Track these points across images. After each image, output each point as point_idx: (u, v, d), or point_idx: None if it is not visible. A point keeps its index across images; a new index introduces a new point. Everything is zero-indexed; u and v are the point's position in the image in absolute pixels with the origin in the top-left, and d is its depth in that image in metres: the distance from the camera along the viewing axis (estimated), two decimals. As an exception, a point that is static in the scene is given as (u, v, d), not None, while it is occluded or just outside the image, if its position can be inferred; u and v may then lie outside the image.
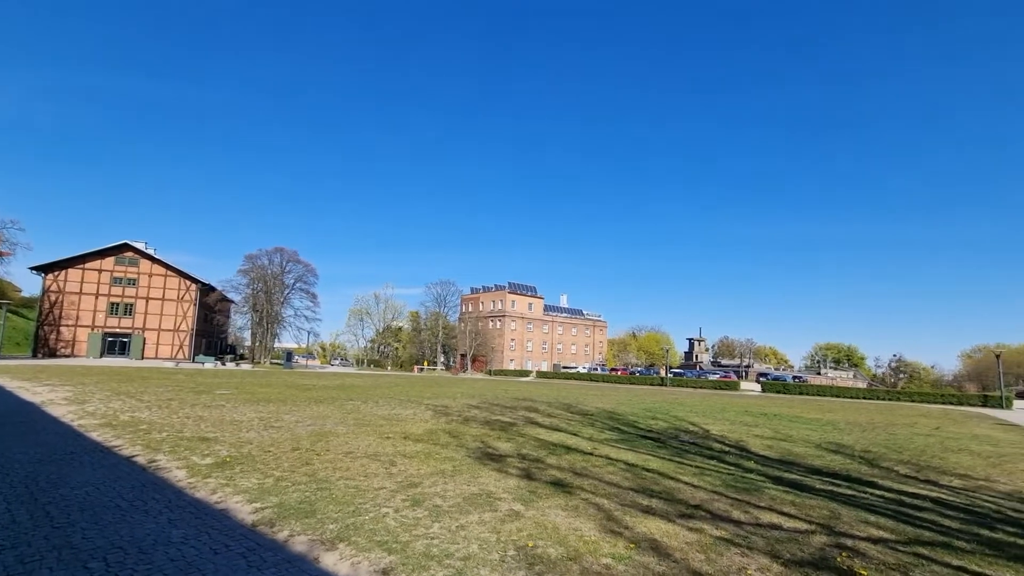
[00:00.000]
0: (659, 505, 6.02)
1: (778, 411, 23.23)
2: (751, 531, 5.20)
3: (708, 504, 6.19)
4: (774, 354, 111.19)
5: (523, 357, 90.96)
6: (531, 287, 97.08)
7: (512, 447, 9.69)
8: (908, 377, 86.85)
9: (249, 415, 12.64)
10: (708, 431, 13.98)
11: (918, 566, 4.42)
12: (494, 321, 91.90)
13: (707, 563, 4.26)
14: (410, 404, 17.73)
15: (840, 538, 5.11)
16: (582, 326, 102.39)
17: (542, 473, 7.48)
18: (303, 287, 70.36)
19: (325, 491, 5.95)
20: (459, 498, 5.89)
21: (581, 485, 6.83)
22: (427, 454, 8.55)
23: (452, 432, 11.34)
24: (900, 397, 44.05)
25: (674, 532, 5.02)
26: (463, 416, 14.69)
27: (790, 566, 4.29)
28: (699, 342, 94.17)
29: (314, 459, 7.73)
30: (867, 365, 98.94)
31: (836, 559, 4.50)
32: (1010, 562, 4.64)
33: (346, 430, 10.88)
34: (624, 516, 5.48)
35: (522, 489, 6.45)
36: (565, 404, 21.12)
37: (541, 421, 14.35)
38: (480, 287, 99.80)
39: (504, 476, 7.16)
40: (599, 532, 4.90)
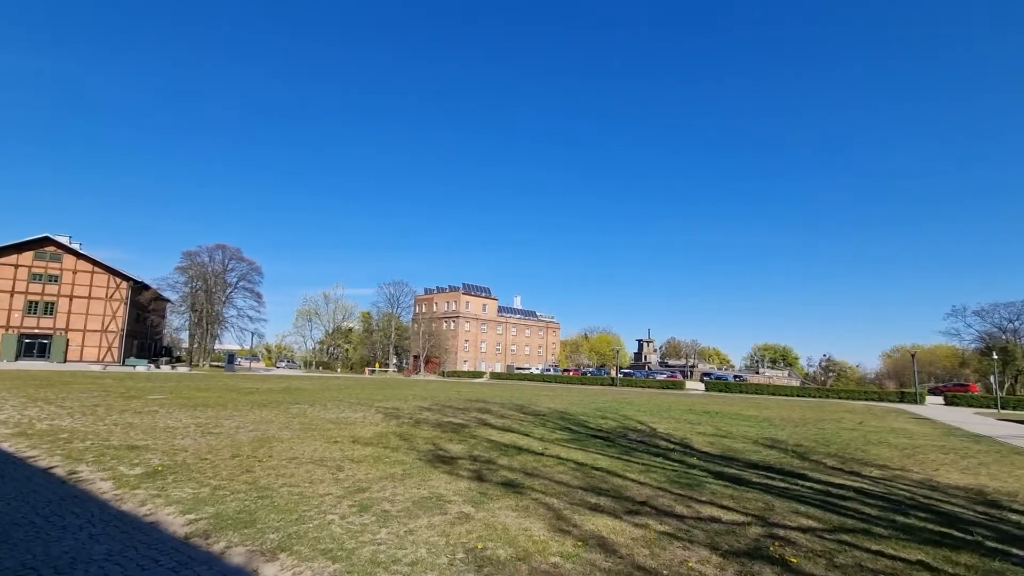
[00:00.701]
0: (607, 503, 6.16)
1: (720, 409, 24.31)
2: (693, 525, 5.41)
3: (653, 500, 6.39)
4: (717, 354, 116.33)
5: (477, 358, 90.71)
6: (485, 288, 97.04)
7: (464, 449, 9.64)
8: (836, 375, 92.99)
9: (185, 421, 11.94)
10: (655, 429, 14.44)
11: (841, 552, 4.74)
12: (448, 322, 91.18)
13: (651, 558, 4.39)
14: (360, 407, 17.29)
15: (773, 528, 5.41)
16: (536, 327, 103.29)
17: (493, 474, 7.49)
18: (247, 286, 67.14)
19: (267, 499, 5.70)
20: (408, 502, 5.80)
21: (532, 485, 6.89)
22: (376, 458, 8.36)
23: (403, 435, 11.15)
24: (829, 394, 47.15)
25: (621, 528, 5.15)
26: (415, 419, 14.47)
27: (728, 557, 4.50)
28: (648, 343, 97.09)
29: (255, 466, 7.39)
30: (800, 364, 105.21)
31: (769, 548, 4.75)
32: (921, 545, 5.06)
33: (291, 435, 10.48)
34: (573, 515, 5.58)
35: (473, 491, 6.43)
36: (518, 405, 21.23)
37: (494, 422, 14.36)
38: (434, 288, 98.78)
39: (455, 478, 7.11)
40: (548, 531, 4.96)
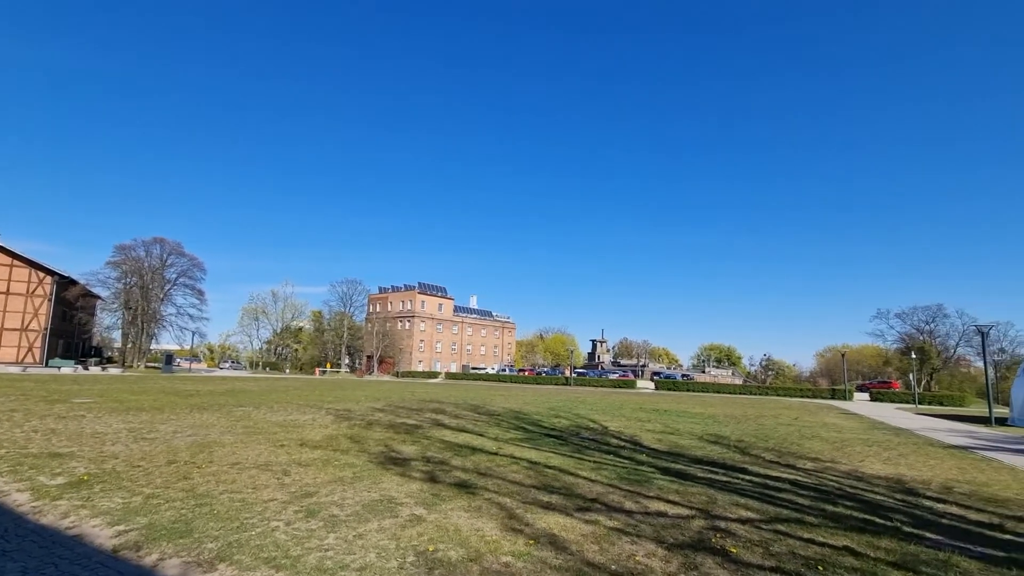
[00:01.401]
0: (559, 501, 6.25)
1: (668, 407, 25.16)
2: (641, 520, 5.58)
3: (604, 497, 6.54)
4: (667, 354, 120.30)
5: (432, 358, 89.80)
6: (441, 288, 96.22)
7: (417, 450, 9.53)
8: (775, 374, 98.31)
9: (116, 426, 11.18)
10: (606, 428, 14.77)
11: (777, 541, 5.02)
12: (403, 322, 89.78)
13: (600, 553, 4.49)
14: (309, 409, 16.74)
15: (715, 521, 5.65)
16: (491, 327, 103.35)
17: (447, 475, 7.44)
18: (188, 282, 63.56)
19: (205, 507, 5.42)
20: (358, 506, 5.67)
21: (485, 485, 6.89)
22: (325, 461, 8.12)
23: (354, 437, 10.89)
24: (768, 392, 49.78)
25: (572, 526, 5.24)
26: (367, 420, 14.16)
27: (673, 549, 4.66)
28: (601, 343, 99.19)
29: (193, 472, 7.02)
30: (743, 364, 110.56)
31: (712, 540, 4.96)
32: (848, 532, 5.42)
33: (233, 439, 10.02)
34: (525, 513, 5.62)
35: (425, 492, 6.36)
36: (473, 405, 21.17)
37: (448, 423, 14.26)
38: (389, 287, 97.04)
39: (407, 480, 7.01)
40: (501, 531, 4.98)
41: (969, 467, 10.17)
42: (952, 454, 12.05)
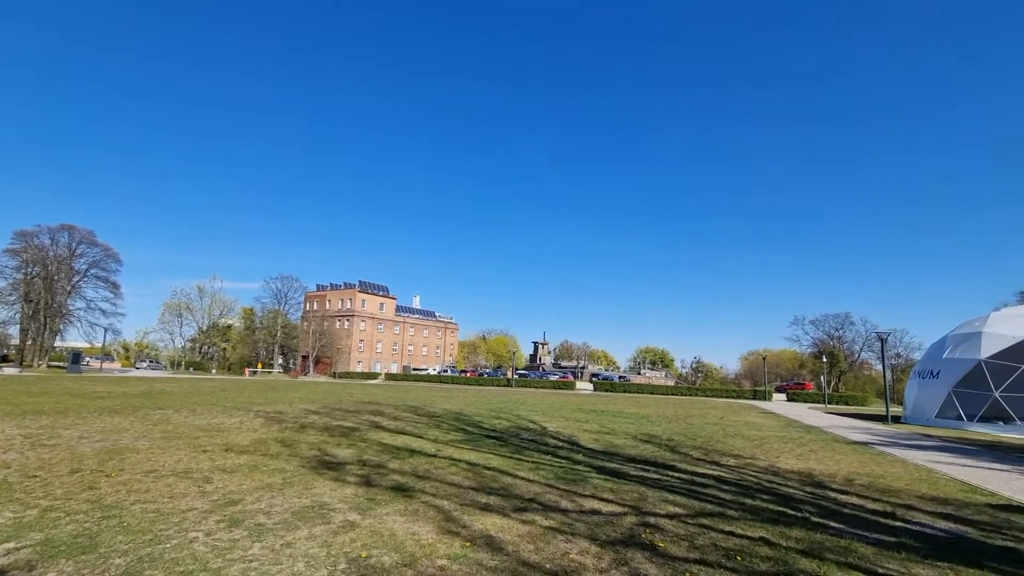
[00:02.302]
0: (496, 501, 6.28)
1: (605, 408, 25.93)
2: (576, 518, 5.71)
3: (541, 497, 6.64)
4: (606, 356, 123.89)
5: (372, 359, 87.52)
6: (383, 287, 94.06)
7: (353, 453, 9.25)
8: (704, 376, 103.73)
9: (8, 432, 10.06)
10: (546, 428, 15.00)
11: (701, 535, 5.30)
12: (342, 321, 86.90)
13: (536, 552, 4.56)
14: (237, 411, 15.82)
15: (646, 517, 5.89)
16: (434, 328, 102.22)
17: (383, 479, 7.28)
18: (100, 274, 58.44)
19: (114, 519, 5.00)
20: (287, 513, 5.42)
21: (423, 488, 6.80)
22: (253, 467, 7.71)
23: (285, 441, 10.41)
24: (698, 393, 52.51)
25: (509, 526, 5.28)
26: (300, 423, 13.58)
27: (605, 546, 4.82)
28: (543, 345, 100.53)
29: (101, 482, 6.44)
30: (676, 366, 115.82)
31: (642, 535, 5.17)
32: (764, 523, 5.82)
33: (149, 445, 9.29)
34: (463, 515, 5.60)
35: (360, 497, 6.19)
36: (413, 407, 20.84)
37: (386, 425, 13.95)
38: (327, 284, 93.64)
39: (341, 485, 6.80)
40: (437, 534, 4.93)
41: (868, 461, 11.20)
42: (855, 449, 13.23)
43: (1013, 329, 21.71)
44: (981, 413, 20.92)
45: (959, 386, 22.04)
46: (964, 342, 23.34)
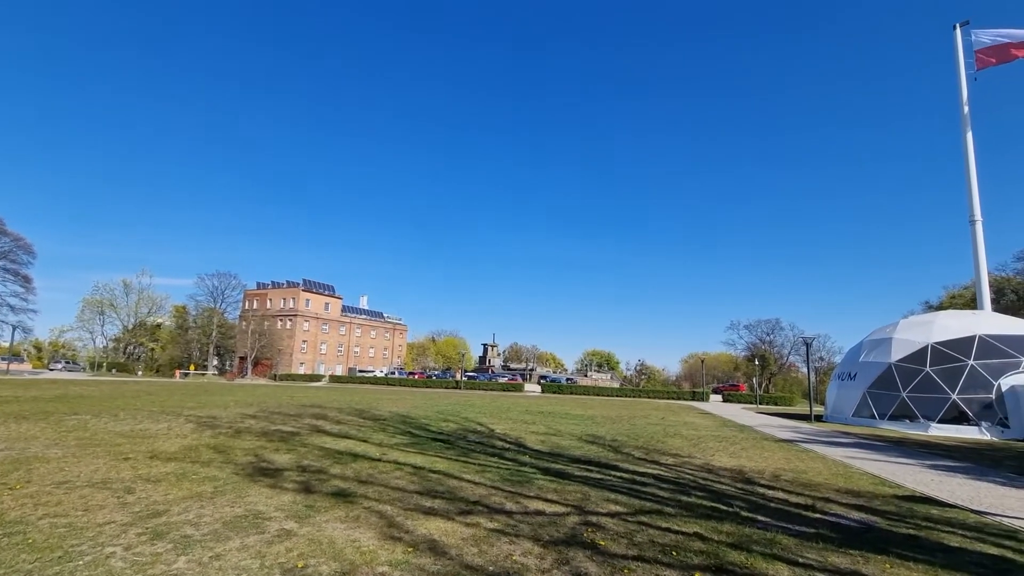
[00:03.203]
0: (441, 505, 6.23)
1: (552, 409, 26.29)
2: (520, 520, 5.76)
3: (486, 499, 6.65)
4: (554, 359, 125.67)
5: (316, 360, 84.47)
6: (329, 286, 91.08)
7: (292, 459, 8.90)
8: (648, 378, 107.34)
9: None
10: (493, 430, 15.03)
11: (640, 532, 5.49)
12: (284, 321, 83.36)
13: (479, 555, 4.56)
14: (165, 416, 14.83)
15: (588, 516, 6.03)
16: (382, 329, 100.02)
17: (324, 485, 7.05)
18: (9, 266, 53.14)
19: (17, 535, 4.56)
20: (218, 523, 5.14)
21: (365, 493, 6.64)
22: (181, 475, 7.26)
23: (218, 447, 9.87)
24: (641, 394, 54.29)
25: (453, 530, 5.25)
26: (235, 428, 12.91)
27: (548, 546, 4.89)
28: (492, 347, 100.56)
29: (3, 495, 5.86)
30: (621, 368, 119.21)
31: (584, 535, 5.29)
32: (698, 519, 6.10)
33: (62, 453, 8.54)
34: (406, 520, 5.52)
35: (298, 504, 5.97)
36: (358, 410, 20.29)
37: (329, 429, 13.51)
38: (269, 283, 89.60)
39: (279, 492, 6.52)
40: (379, 540, 4.83)
41: (793, 458, 11.98)
42: (781, 447, 14.11)
43: (917, 335, 23.92)
44: (891, 412, 22.86)
45: (873, 387, 24.00)
46: (877, 347, 25.45)
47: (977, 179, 28.35)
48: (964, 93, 29.23)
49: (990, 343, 21.80)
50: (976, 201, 28.16)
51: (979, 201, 28.15)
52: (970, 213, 28.28)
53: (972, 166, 28.49)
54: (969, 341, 22.17)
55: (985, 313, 26.10)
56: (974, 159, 28.56)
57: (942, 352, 22.43)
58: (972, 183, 28.33)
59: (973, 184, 28.31)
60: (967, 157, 28.68)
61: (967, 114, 29.03)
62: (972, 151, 28.63)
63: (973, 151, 28.62)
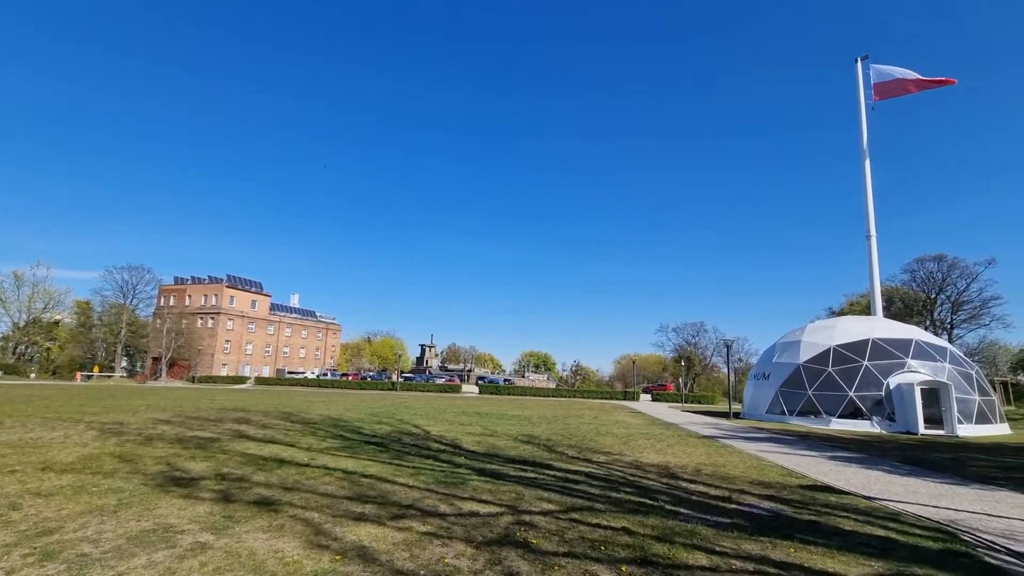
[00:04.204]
0: (372, 510, 6.07)
1: (489, 410, 26.36)
2: (454, 522, 5.74)
3: (420, 502, 6.56)
4: (492, 360, 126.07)
5: (240, 361, 79.59)
6: (256, 283, 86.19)
7: (210, 467, 8.33)
8: (583, 378, 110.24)
9: None
10: (429, 432, 14.84)
11: (571, 529, 5.63)
12: (205, 319, 77.91)
13: (410, 559, 4.50)
14: (61, 423, 13.40)
15: (521, 515, 6.10)
16: (314, 328, 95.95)
17: (245, 493, 6.66)
18: None
19: None
20: (122, 539, 4.72)
21: (291, 500, 6.35)
22: (79, 488, 6.59)
23: (124, 456, 9.06)
24: (576, 394, 55.69)
25: (384, 535, 5.14)
26: (145, 434, 11.90)
27: (481, 547, 4.90)
28: (430, 348, 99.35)
29: None
30: (557, 369, 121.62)
31: (516, 534, 5.35)
32: (626, 514, 6.35)
33: (-71, 468, 7.50)
34: (335, 527, 5.34)
35: (216, 515, 5.60)
36: (285, 413, 19.34)
37: (253, 434, 12.78)
38: (188, 278, 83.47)
39: (193, 503, 6.08)
40: (304, 549, 4.64)
41: (714, 453, 12.77)
42: (703, 443, 14.99)
43: (822, 338, 26.27)
44: (799, 408, 24.93)
45: (784, 386, 26.07)
46: (788, 349, 27.68)
47: (873, 199, 31.58)
48: (864, 121, 32.50)
49: (881, 346, 24.35)
50: (872, 219, 31.35)
51: (874, 219, 31.37)
52: (866, 229, 31.43)
53: (869, 188, 31.71)
54: (864, 344, 24.65)
55: (877, 319, 29.12)
56: (871, 182, 31.80)
57: (842, 354, 24.77)
58: (869, 203, 31.52)
59: (870, 204, 31.50)
60: (865, 180, 31.87)
61: (865, 146, 32.25)
62: (869, 175, 31.86)
63: (870, 175, 31.86)
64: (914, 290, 57.47)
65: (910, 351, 23.92)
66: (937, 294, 55.79)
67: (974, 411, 22.42)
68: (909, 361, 23.45)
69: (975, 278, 53.13)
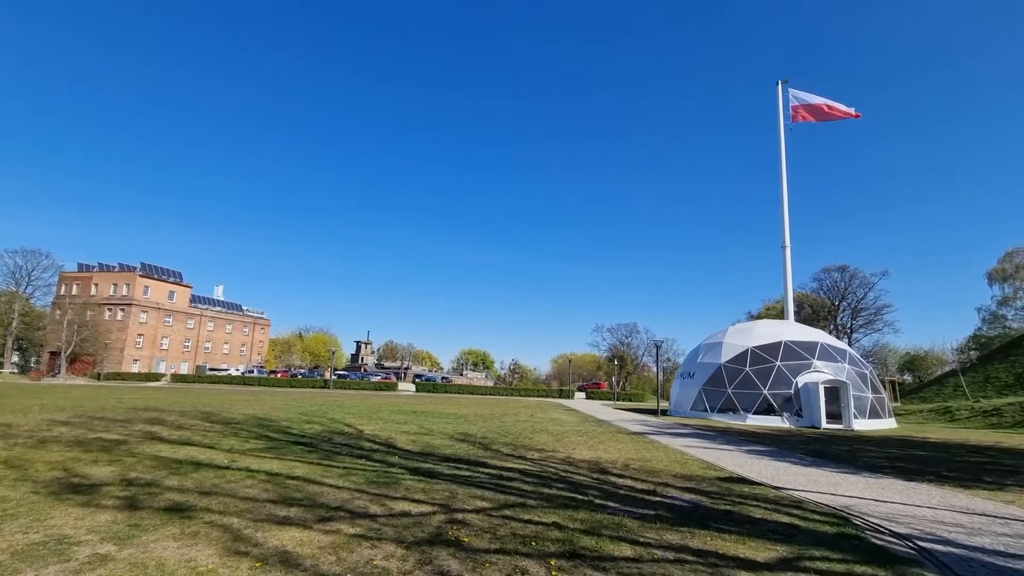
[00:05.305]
0: (298, 513, 5.84)
1: (426, 408, 26.06)
2: (384, 522, 5.63)
3: (349, 503, 6.37)
4: (430, 357, 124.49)
5: (154, 357, 73.65)
6: (175, 272, 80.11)
7: (115, 472, 7.66)
8: (520, 377, 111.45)
9: None
10: (362, 431, 14.45)
11: (503, 525, 5.69)
12: (114, 310, 71.37)
13: (337, 563, 4.36)
14: (-71, 426, 11.79)
15: (454, 514, 6.09)
16: (240, 323, 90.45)
17: (155, 499, 6.18)
18: None
19: None
20: (5, 554, 4.24)
21: (207, 506, 5.97)
22: (-48, 499, 5.84)
23: (12, 461, 8.13)
24: (513, 393, 56.28)
25: (309, 539, 4.95)
26: (38, 437, 10.75)
27: (411, 548, 4.84)
28: (366, 345, 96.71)
29: None
30: (495, 367, 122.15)
31: (448, 533, 5.33)
32: (557, 509, 6.50)
33: None
34: (256, 532, 5.08)
35: (120, 524, 5.16)
36: (205, 413, 18.12)
37: (167, 435, 11.87)
38: (95, 265, 76.15)
39: (94, 511, 5.57)
40: (221, 557, 4.38)
41: (641, 448, 13.35)
42: (632, 439, 15.64)
43: (742, 340, 28.20)
44: (720, 405, 26.61)
45: (707, 384, 27.72)
46: (711, 350, 29.46)
47: (788, 213, 34.25)
48: (782, 140, 35.17)
49: (792, 348, 26.49)
50: (787, 230, 33.99)
51: (789, 230, 34.03)
52: (782, 240, 34.03)
53: (785, 201, 34.36)
54: (777, 346, 26.71)
55: (789, 323, 31.63)
56: (787, 195, 34.47)
57: (758, 355, 26.69)
58: (785, 215, 34.15)
59: (785, 216, 34.14)
60: (782, 194, 34.50)
61: (783, 163, 34.93)
62: (786, 190, 34.53)
63: (787, 190, 34.54)
64: (821, 297, 63.07)
65: (816, 353, 26.19)
66: (840, 301, 61.54)
67: (867, 407, 24.91)
68: (815, 362, 25.66)
69: (872, 287, 59.21)
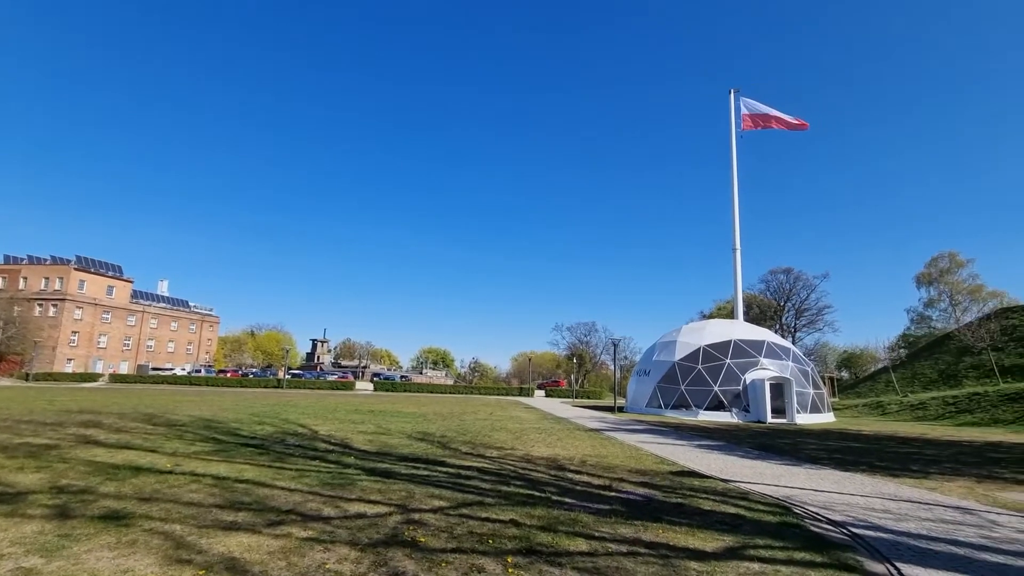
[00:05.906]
0: (246, 518, 5.62)
1: (384, 408, 25.64)
2: (338, 525, 5.50)
3: (301, 506, 6.19)
4: (389, 356, 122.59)
5: (91, 356, 69.19)
6: (115, 266, 75.49)
7: (44, 479, 7.14)
8: (480, 375, 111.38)
9: None
10: (316, 432, 14.07)
11: (460, 524, 5.68)
12: (45, 306, 66.56)
13: (287, 568, 4.24)
14: None
15: (411, 514, 6.03)
16: (186, 320, 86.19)
17: (89, 507, 5.80)
18: None
19: None
20: (-87, 571, 3.89)
21: (147, 512, 5.66)
22: None
23: (-80, 471, 7.44)
24: (474, 391, 56.21)
25: (258, 544, 4.78)
26: (-48, 444, 9.87)
27: (366, 549, 4.76)
28: (323, 343, 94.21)
29: None
30: (456, 366, 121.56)
31: (405, 533, 5.27)
32: (515, 507, 6.54)
33: None
34: (200, 539, 4.86)
35: (48, 534, 4.82)
36: (147, 415, 17.16)
37: (103, 439, 11.17)
38: (23, 257, 70.71)
39: (19, 521, 5.18)
40: (161, 566, 4.16)
41: (598, 444, 13.62)
42: (590, 436, 15.93)
43: (694, 339, 29.23)
44: (673, 402, 27.49)
45: (662, 382, 28.57)
46: (665, 348, 30.38)
47: (739, 216, 35.72)
48: (734, 147, 36.62)
49: (741, 346, 27.67)
50: (737, 233, 35.45)
51: (739, 234, 35.51)
52: (733, 243, 35.47)
53: (736, 206, 35.81)
54: (728, 345, 27.84)
55: (739, 322, 33.02)
56: (738, 200, 35.93)
57: (710, 353, 27.74)
58: (736, 219, 35.60)
59: (736, 220, 35.59)
60: (733, 198, 35.94)
61: (735, 168, 36.36)
62: (737, 194, 35.98)
63: (737, 193, 35.99)
64: (768, 298, 66.20)
65: (763, 351, 27.47)
66: (785, 302, 64.83)
67: (809, 402, 26.35)
68: (762, 360, 26.91)
69: (814, 289, 62.67)
